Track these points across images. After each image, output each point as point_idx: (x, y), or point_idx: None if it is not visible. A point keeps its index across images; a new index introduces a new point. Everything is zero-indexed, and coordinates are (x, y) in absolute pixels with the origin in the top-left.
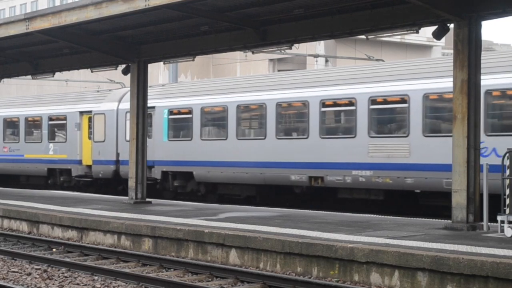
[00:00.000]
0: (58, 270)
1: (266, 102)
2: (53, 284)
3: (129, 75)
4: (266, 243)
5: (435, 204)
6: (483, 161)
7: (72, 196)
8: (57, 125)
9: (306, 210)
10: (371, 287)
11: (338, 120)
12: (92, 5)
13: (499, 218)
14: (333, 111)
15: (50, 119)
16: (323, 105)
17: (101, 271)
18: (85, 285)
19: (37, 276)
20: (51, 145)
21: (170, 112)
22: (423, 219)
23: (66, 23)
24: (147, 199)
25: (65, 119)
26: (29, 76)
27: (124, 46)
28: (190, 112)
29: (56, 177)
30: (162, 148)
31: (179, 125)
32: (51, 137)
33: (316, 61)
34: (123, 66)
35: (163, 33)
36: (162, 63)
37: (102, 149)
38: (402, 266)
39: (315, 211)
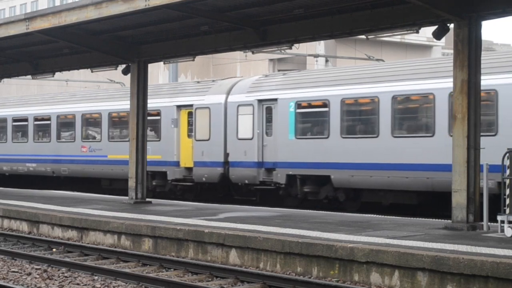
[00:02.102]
0: (58, 270)
1: (434, 92)
2: (53, 284)
3: (129, 75)
4: (266, 243)
5: None
6: None
7: (72, 196)
8: (149, 121)
9: (306, 210)
10: (371, 287)
11: None
12: (92, 5)
13: (499, 218)
14: None
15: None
16: None
17: (101, 271)
18: (85, 285)
19: (37, 276)
20: None
21: (298, 105)
22: (423, 219)
23: (66, 23)
24: (147, 199)
25: (158, 114)
26: (29, 76)
27: (124, 46)
28: (325, 104)
29: (147, 181)
30: (287, 148)
31: (311, 120)
32: None
33: (316, 61)
34: (123, 66)
35: (163, 33)
36: (162, 63)
37: (206, 148)
38: (402, 266)
39: (315, 211)
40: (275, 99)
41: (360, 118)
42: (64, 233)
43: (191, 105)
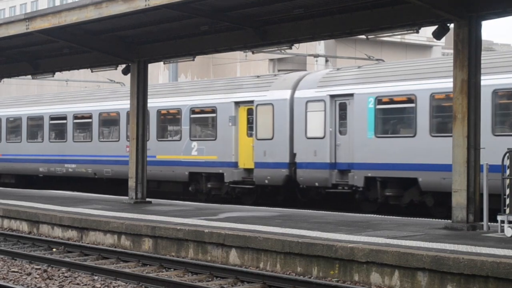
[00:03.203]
0: (58, 270)
1: None
2: (53, 284)
3: (129, 75)
4: (266, 243)
5: None
6: None
7: (72, 196)
8: (202, 119)
9: (306, 210)
10: (371, 287)
11: None
12: (92, 5)
13: (499, 218)
14: None
15: (193, 111)
16: None
17: (101, 271)
18: (85, 285)
19: (37, 276)
20: (194, 143)
21: (379, 101)
22: (423, 219)
23: (66, 23)
24: (147, 199)
25: (213, 111)
26: (29, 76)
27: (124, 46)
28: (411, 100)
29: (200, 184)
30: (366, 147)
31: (394, 118)
32: (195, 134)
33: (316, 61)
34: (123, 66)
35: (163, 33)
36: (162, 63)
37: (269, 148)
38: (402, 266)
39: (315, 211)
40: (351, 94)
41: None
42: (64, 233)
43: (251, 101)
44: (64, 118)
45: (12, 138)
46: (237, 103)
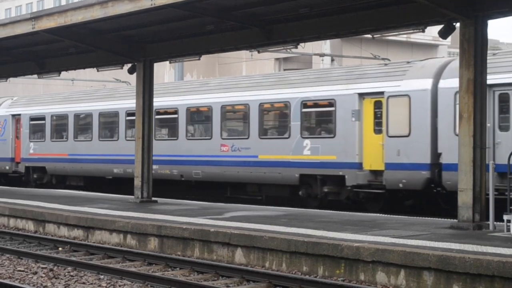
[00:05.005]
0: (64, 269)
1: None
2: (59, 283)
3: (134, 74)
4: (272, 242)
5: None
6: None
7: (77, 195)
8: (317, 114)
9: (311, 209)
10: (377, 286)
11: None
12: (98, 4)
13: (505, 217)
14: None
15: (305, 105)
16: None
17: (107, 270)
18: (91, 284)
19: (43, 275)
20: (306, 141)
21: None
22: (429, 218)
23: (72, 23)
24: (153, 198)
25: (331, 104)
26: (35, 75)
27: (130, 45)
28: None
29: (313, 187)
30: None
31: None
32: (307, 130)
33: (322, 60)
34: (129, 65)
35: (169, 32)
36: (168, 62)
37: (404, 147)
38: (408, 266)
39: (321, 210)
40: None
41: None
42: (70, 232)
43: (379, 93)
44: None
45: (81, 136)
46: (361, 95)
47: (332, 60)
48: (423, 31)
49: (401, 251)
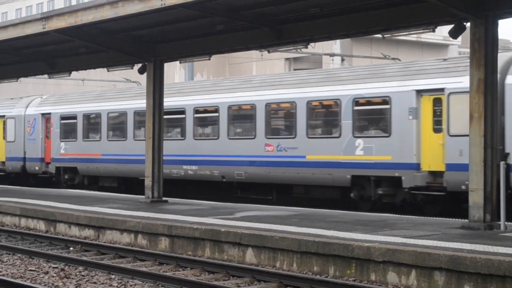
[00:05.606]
0: (75, 269)
1: None
2: (70, 282)
3: (145, 74)
4: (283, 242)
5: None
6: None
7: (88, 195)
8: (370, 112)
9: (322, 209)
10: (388, 286)
11: None
12: (108, 5)
13: None
14: None
15: (357, 103)
16: None
17: (118, 270)
18: (102, 284)
19: (54, 275)
20: (359, 141)
21: None
22: (440, 218)
23: (82, 23)
24: (164, 198)
25: (386, 102)
26: (46, 75)
27: (140, 45)
28: None
29: (366, 189)
30: None
31: None
32: (360, 129)
33: (332, 60)
34: (139, 65)
35: (179, 32)
36: (178, 62)
37: (468, 146)
38: (419, 266)
39: (331, 210)
40: None
41: None
42: (81, 232)
43: (439, 90)
44: (182, 112)
45: (115, 135)
46: (419, 92)
47: (342, 60)
48: (434, 31)
49: (412, 251)
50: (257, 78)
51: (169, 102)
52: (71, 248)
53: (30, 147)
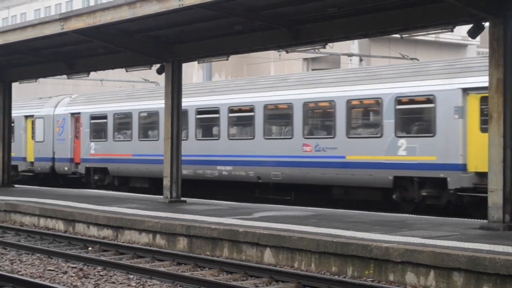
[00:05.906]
0: (94, 269)
1: None
2: (89, 282)
3: (163, 74)
4: (301, 243)
5: None
6: None
7: (106, 195)
8: (414, 111)
9: (340, 210)
10: (406, 287)
11: None
12: (126, 5)
13: None
14: None
15: (399, 101)
16: None
17: (137, 270)
18: (121, 283)
19: (73, 275)
20: (401, 141)
21: None
22: (459, 219)
23: (101, 23)
24: (182, 198)
25: (430, 101)
26: (64, 76)
27: (158, 45)
28: None
29: (409, 191)
30: None
31: None
32: (402, 128)
33: (350, 60)
34: (158, 65)
35: (197, 32)
36: (196, 62)
37: None
38: (437, 266)
39: (349, 211)
40: None
41: None
42: (100, 232)
43: (487, 88)
44: (216, 111)
45: (146, 135)
46: (465, 90)
47: (361, 60)
48: (452, 31)
49: (431, 252)
50: (294, 76)
51: (202, 101)
52: (89, 248)
53: (59, 147)
